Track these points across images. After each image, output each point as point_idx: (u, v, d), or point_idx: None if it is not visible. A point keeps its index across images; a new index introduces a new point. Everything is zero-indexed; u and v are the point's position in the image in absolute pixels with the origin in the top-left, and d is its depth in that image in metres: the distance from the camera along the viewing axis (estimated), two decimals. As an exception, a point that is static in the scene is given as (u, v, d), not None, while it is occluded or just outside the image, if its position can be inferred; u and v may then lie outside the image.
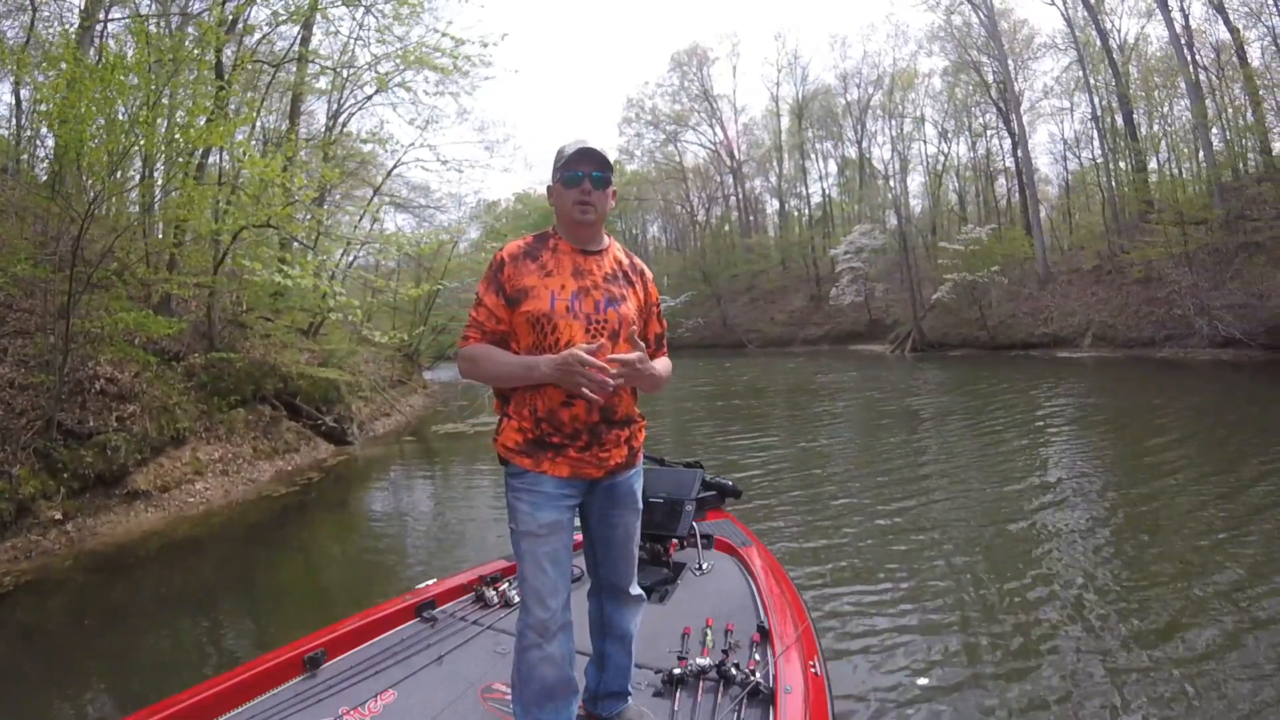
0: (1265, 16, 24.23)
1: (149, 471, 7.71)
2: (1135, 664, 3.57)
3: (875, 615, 4.35)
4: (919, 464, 8.71)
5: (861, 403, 15.93)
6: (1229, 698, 3.21)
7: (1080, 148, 36.26)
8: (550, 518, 1.99)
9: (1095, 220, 33.91)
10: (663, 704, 2.35)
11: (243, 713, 2.29)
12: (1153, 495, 6.67)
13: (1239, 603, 4.18)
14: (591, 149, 2.02)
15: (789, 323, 43.39)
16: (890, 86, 44.90)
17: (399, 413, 16.04)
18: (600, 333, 2.00)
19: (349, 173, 18.56)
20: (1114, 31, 31.67)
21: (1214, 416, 11.07)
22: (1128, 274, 25.53)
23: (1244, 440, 9.05)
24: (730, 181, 54.44)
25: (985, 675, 3.56)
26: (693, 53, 52.74)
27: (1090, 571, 4.89)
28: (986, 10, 34.16)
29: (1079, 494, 6.98)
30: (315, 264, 11.13)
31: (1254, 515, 5.82)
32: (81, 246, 6.82)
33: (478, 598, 3.17)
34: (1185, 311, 21.34)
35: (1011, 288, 30.16)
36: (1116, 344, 23.81)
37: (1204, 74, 26.70)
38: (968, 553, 5.37)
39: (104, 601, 5.47)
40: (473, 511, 7.83)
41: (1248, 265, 20.86)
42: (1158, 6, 26.90)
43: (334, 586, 6.02)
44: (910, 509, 6.63)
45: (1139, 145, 29.31)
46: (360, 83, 16.40)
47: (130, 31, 10.29)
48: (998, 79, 35.75)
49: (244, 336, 11.70)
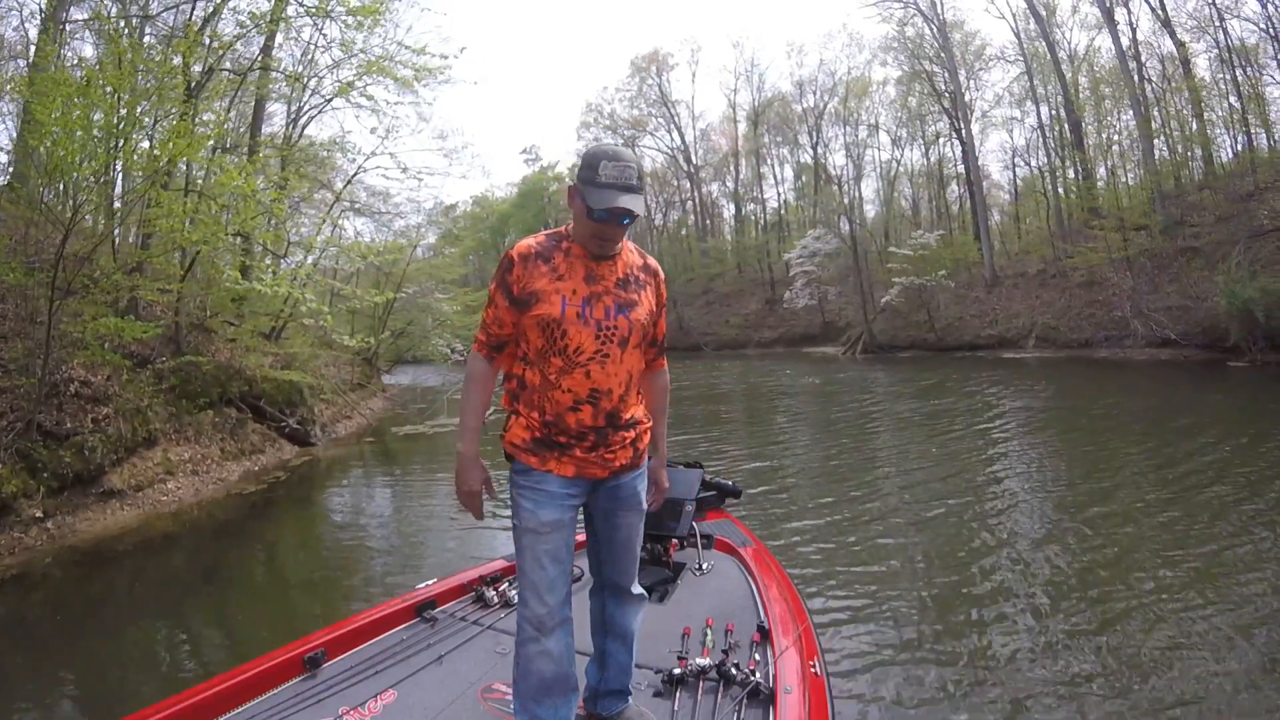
0: (1211, 30, 25.59)
1: (124, 471, 7.97)
2: (1148, 664, 3.58)
3: (875, 615, 4.39)
4: (901, 465, 8.97)
5: (834, 404, 16.47)
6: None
7: (1030, 155, 37.52)
8: (552, 516, 2.01)
9: (1043, 226, 35.08)
10: (663, 704, 2.36)
11: (243, 713, 2.30)
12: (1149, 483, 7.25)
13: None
14: (626, 207, 1.90)
15: (744, 326, 43.79)
16: (845, 94, 45.73)
17: (360, 415, 16.29)
18: (610, 339, 2.00)
19: (309, 177, 18.68)
20: (1064, 43, 32.97)
21: (1148, 409, 12.05)
22: (1071, 278, 26.66)
23: (1176, 431, 9.82)
24: (687, 186, 54.95)
25: (985, 675, 3.59)
26: (652, 58, 52.97)
27: (1086, 570, 4.94)
28: (938, 23, 35.30)
29: (1042, 490, 7.42)
30: (290, 272, 11.38)
31: (1188, 491, 6.59)
32: (63, 254, 7.09)
33: (478, 598, 3.19)
34: (1123, 313, 22.31)
35: (959, 291, 31.18)
36: (1059, 345, 24.84)
37: (1150, 85, 27.95)
38: (967, 552, 5.45)
39: (84, 595, 5.70)
40: (432, 506, 8.21)
41: (1185, 270, 21.86)
42: (1104, 21, 28.10)
43: (302, 578, 6.31)
44: (910, 508, 6.79)
45: (1085, 155, 30.57)
46: (320, 88, 16.59)
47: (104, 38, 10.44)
48: (949, 89, 36.81)
49: (209, 341, 11.91)
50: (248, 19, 11.02)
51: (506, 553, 3.28)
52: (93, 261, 8.43)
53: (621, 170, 1.92)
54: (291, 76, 15.44)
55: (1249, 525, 5.63)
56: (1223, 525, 5.67)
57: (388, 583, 5.66)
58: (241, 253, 12.80)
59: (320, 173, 20.61)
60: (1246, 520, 5.76)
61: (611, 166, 1.91)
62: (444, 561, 6.12)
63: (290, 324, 15.53)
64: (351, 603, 5.38)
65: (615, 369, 2.01)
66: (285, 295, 10.47)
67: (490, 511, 7.39)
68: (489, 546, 6.37)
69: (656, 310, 2.17)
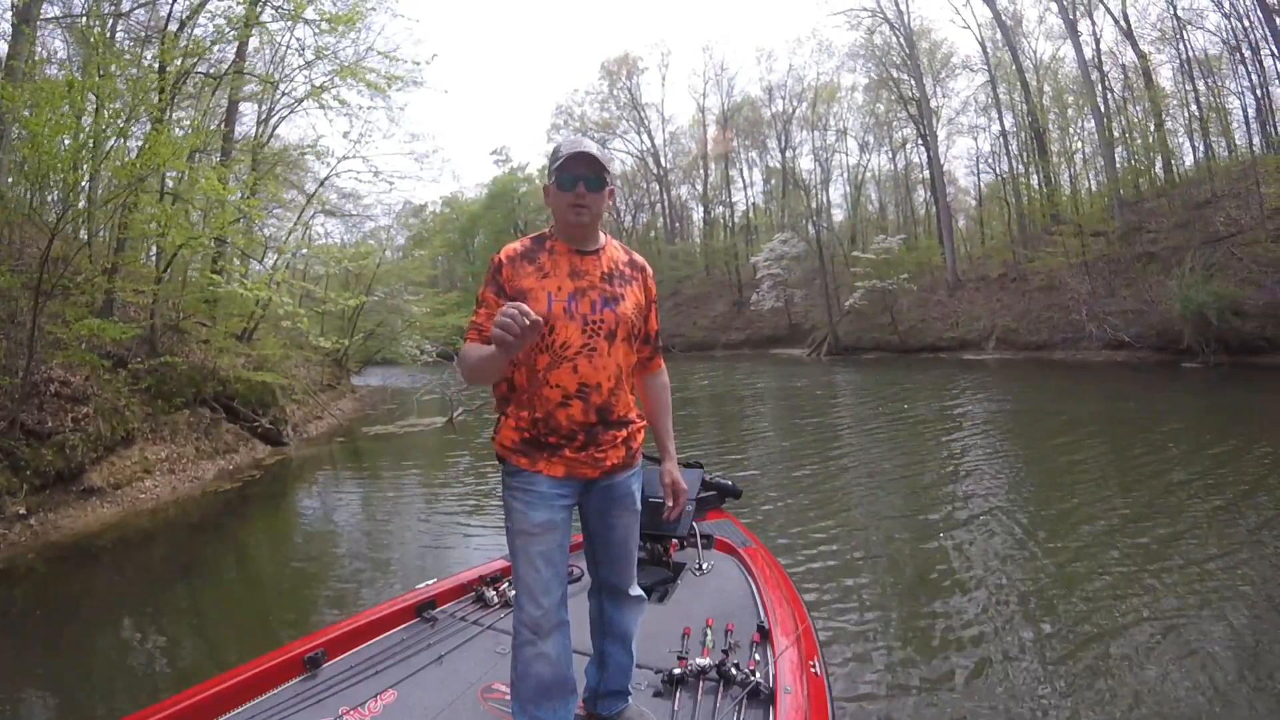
0: (1174, 41, 26.52)
1: (103, 469, 8.12)
2: (1149, 664, 3.60)
3: (875, 615, 4.41)
4: (899, 465, 8.98)
5: (834, 406, 16.81)
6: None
7: (996, 161, 38.22)
8: (544, 517, 2.01)
9: (1006, 231, 35.82)
10: (663, 704, 2.36)
11: (243, 713, 2.31)
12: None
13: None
14: (585, 153, 2.00)
15: (712, 327, 44.10)
16: (814, 99, 46.40)
17: (330, 415, 16.44)
18: (597, 332, 2.01)
19: (281, 178, 18.72)
20: (1030, 51, 33.80)
21: (1100, 406, 12.65)
22: (1031, 281, 27.42)
23: (1133, 427, 10.34)
24: (657, 189, 55.38)
25: (986, 674, 3.60)
26: (623, 62, 53.50)
27: (1086, 569, 4.94)
28: (904, 31, 36.03)
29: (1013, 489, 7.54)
30: (268, 276, 11.52)
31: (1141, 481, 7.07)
32: (48, 257, 7.24)
33: (478, 598, 3.18)
34: (1079, 317, 22.97)
35: (923, 294, 31.87)
36: (1018, 346, 25.56)
37: (1112, 95, 28.84)
38: (967, 551, 5.46)
39: (67, 590, 5.83)
40: (401, 502, 8.52)
41: (1141, 274, 22.58)
42: (1067, 33, 28.94)
43: (275, 573, 6.48)
44: (909, 508, 6.87)
45: (1047, 162, 31.40)
46: (292, 90, 16.64)
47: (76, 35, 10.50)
48: (915, 96, 37.48)
49: (183, 342, 12.01)
50: (224, 23, 11.10)
51: (492, 549, 3.23)
52: (68, 262, 8.56)
53: (577, 140, 2.06)
54: (265, 79, 15.51)
55: (1214, 519, 5.88)
56: (1191, 518, 5.93)
57: (360, 577, 5.88)
58: (214, 255, 12.91)
59: (291, 173, 20.64)
60: (1212, 514, 6.00)
61: (567, 142, 2.04)
62: (413, 554, 6.40)
63: (262, 325, 15.66)
64: (323, 593, 5.61)
65: (603, 362, 2.02)
66: (259, 298, 10.60)
67: (472, 508, 7.72)
68: (458, 538, 6.67)
69: (645, 305, 2.20)
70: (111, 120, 7.48)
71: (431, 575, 3.56)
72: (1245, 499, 6.35)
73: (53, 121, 6.35)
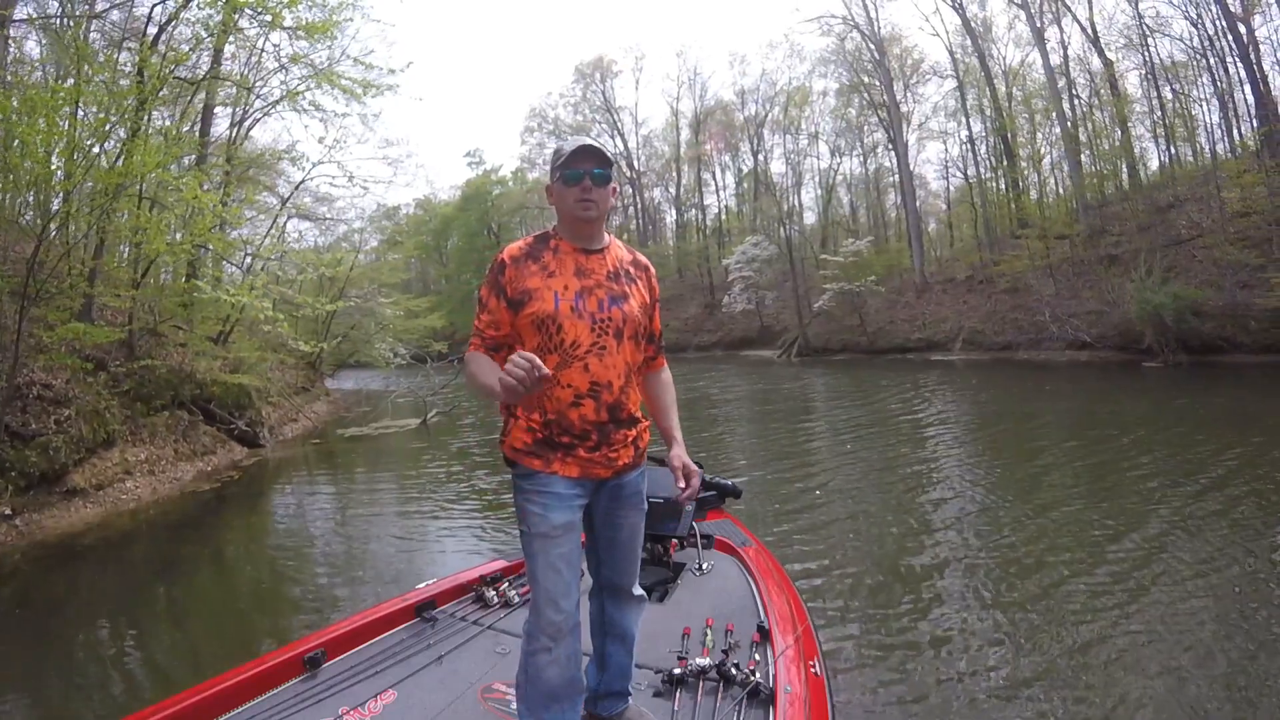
0: (1139, 48, 27.13)
1: (85, 470, 8.28)
2: (1148, 665, 3.62)
3: (876, 615, 4.43)
4: (898, 465, 9.06)
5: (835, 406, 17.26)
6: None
7: (965, 165, 38.70)
8: (563, 519, 1.96)
9: (974, 234, 36.36)
10: (663, 704, 2.35)
11: (243, 713, 2.30)
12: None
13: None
14: (591, 146, 1.99)
15: (684, 329, 44.26)
16: (786, 103, 46.67)
17: (305, 418, 16.57)
18: (606, 330, 1.99)
19: (255, 180, 18.77)
20: (998, 57, 34.30)
21: (1087, 407, 13.17)
22: (997, 284, 28.10)
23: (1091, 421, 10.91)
24: (629, 191, 55.39)
25: (985, 673, 3.62)
26: (597, 65, 53.57)
27: (1084, 568, 4.97)
28: (875, 38, 36.59)
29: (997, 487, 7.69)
30: (249, 281, 11.65)
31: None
32: (36, 263, 7.38)
33: (478, 598, 3.18)
34: (1044, 318, 23.59)
35: (891, 296, 32.49)
36: (984, 347, 26.18)
37: (1079, 101, 29.44)
38: (967, 552, 5.50)
39: (52, 588, 6.02)
40: (375, 503, 8.75)
41: (1104, 276, 23.17)
42: (1034, 41, 29.59)
43: (253, 571, 6.61)
44: (907, 508, 6.94)
45: (1014, 167, 32.01)
46: (268, 93, 16.67)
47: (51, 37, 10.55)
48: (885, 101, 37.99)
49: (161, 345, 12.12)
50: (201, 29, 11.22)
51: (482, 547, 3.22)
52: (51, 268, 8.68)
53: (579, 137, 2.09)
54: (241, 83, 15.59)
55: (1183, 509, 6.15)
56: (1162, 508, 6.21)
57: (336, 576, 6.07)
58: (191, 259, 13.01)
59: (264, 174, 20.65)
60: (1181, 504, 6.28)
61: (570, 140, 2.04)
62: (389, 552, 6.58)
63: (237, 328, 15.73)
64: (298, 590, 5.78)
65: (613, 360, 1.99)
66: (238, 303, 10.75)
67: (443, 507, 7.95)
68: (432, 538, 6.86)
69: (650, 304, 2.18)
70: (98, 126, 7.60)
71: (406, 569, 3.59)
72: (1187, 484, 6.91)
73: (44, 130, 6.50)
